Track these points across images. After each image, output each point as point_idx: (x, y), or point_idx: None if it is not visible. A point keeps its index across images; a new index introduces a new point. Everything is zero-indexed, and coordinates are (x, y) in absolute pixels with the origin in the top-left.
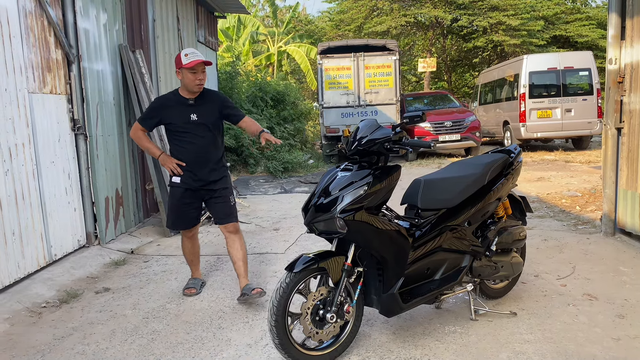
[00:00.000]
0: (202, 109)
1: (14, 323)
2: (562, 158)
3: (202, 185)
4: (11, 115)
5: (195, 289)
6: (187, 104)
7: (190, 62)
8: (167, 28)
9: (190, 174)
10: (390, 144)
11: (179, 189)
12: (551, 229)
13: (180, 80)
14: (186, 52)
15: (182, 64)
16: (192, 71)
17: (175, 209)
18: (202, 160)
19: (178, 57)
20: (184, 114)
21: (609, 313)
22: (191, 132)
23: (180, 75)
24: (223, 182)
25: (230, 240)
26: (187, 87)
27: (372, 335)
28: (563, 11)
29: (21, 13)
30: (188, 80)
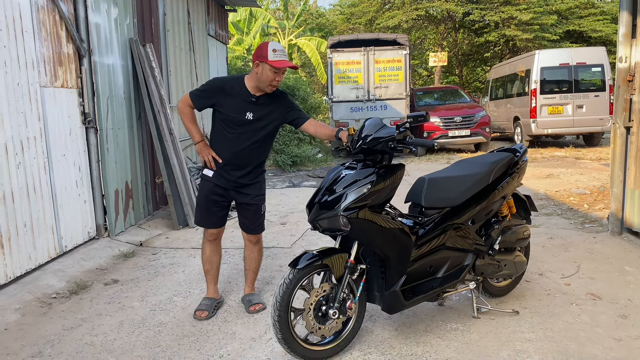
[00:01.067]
0: (262, 109)
1: (25, 313)
2: (573, 155)
3: (234, 186)
4: (23, 109)
5: (207, 312)
6: (249, 99)
7: (278, 62)
8: (178, 22)
9: (224, 172)
10: (394, 142)
11: (208, 183)
12: (558, 227)
13: (255, 73)
14: (274, 48)
15: (267, 58)
16: (274, 70)
17: (203, 203)
18: (241, 162)
19: (264, 48)
20: (240, 109)
21: (611, 313)
22: (239, 130)
23: (259, 68)
24: (257, 187)
25: (249, 249)
26: (260, 83)
27: (375, 331)
28: (577, 5)
29: (33, 8)
30: (265, 77)
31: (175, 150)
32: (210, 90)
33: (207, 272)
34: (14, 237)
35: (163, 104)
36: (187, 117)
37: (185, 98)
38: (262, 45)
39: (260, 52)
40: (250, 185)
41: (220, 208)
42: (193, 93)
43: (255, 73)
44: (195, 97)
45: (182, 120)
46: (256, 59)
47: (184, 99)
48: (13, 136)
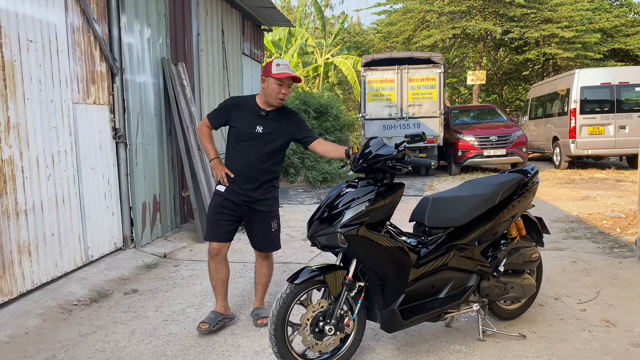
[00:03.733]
0: (272, 124)
1: (46, 318)
2: (614, 177)
3: (245, 200)
4: (55, 124)
5: (208, 325)
6: (259, 114)
7: (280, 73)
8: (212, 41)
9: (235, 187)
10: (393, 161)
11: (219, 197)
12: (584, 251)
13: (263, 89)
14: (278, 62)
15: (270, 72)
16: (278, 82)
17: (211, 216)
18: (250, 175)
19: (268, 65)
20: (251, 123)
21: (624, 341)
22: (249, 143)
23: (265, 84)
24: (268, 203)
25: (259, 263)
26: (267, 97)
27: (377, 350)
28: (623, 23)
29: (69, 29)
30: (271, 90)
31: (203, 165)
32: (226, 108)
33: (214, 288)
34: (41, 246)
35: (192, 121)
36: (205, 137)
37: (203, 120)
38: (267, 63)
39: (266, 69)
40: (261, 201)
41: (228, 222)
42: (210, 114)
43: (263, 88)
44: (212, 117)
45: (201, 140)
46: (263, 75)
47: (203, 120)
48: (45, 150)
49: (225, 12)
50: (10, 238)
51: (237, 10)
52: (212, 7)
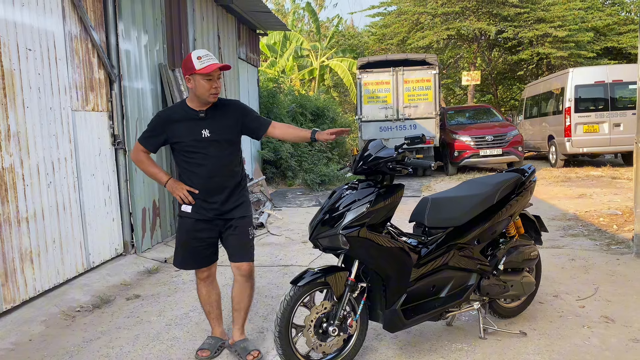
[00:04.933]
0: (216, 123)
1: (49, 325)
2: (609, 174)
3: (217, 214)
4: (55, 132)
5: (209, 352)
6: (197, 117)
7: (205, 67)
8: (208, 46)
9: (203, 202)
10: (393, 163)
11: (189, 220)
12: (582, 248)
13: (190, 89)
14: (199, 55)
15: (194, 69)
16: (207, 78)
17: (185, 244)
18: (216, 185)
19: (188, 61)
20: (194, 130)
21: (623, 337)
22: (202, 152)
23: (191, 83)
24: (242, 209)
25: (240, 285)
26: (199, 97)
27: (379, 350)
28: (615, 22)
29: (67, 37)
30: (201, 89)
31: None
32: (159, 126)
33: (208, 314)
34: (43, 253)
35: None
36: (144, 165)
37: (136, 146)
38: (186, 59)
39: (187, 65)
40: (236, 208)
41: (205, 245)
42: (142, 138)
43: (191, 88)
44: (145, 140)
45: (142, 169)
46: (186, 74)
47: (135, 147)
48: (45, 157)
49: (221, 17)
50: (13, 246)
51: (233, 15)
52: (208, 13)
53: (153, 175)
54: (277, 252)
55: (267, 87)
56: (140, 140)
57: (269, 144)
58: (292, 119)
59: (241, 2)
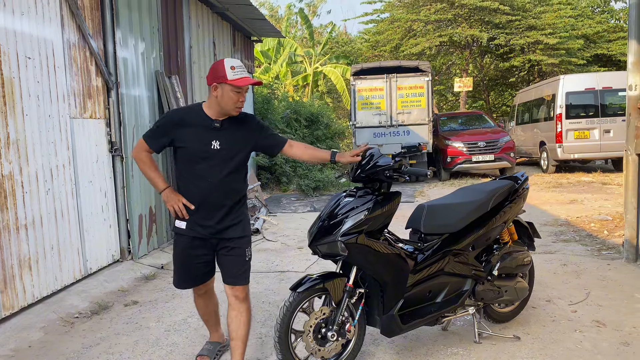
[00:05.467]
0: (229, 135)
1: (48, 332)
2: (600, 180)
3: (212, 233)
4: (53, 139)
5: (208, 358)
6: (211, 126)
7: (239, 80)
8: (204, 53)
9: (198, 218)
10: (390, 171)
11: (185, 238)
12: (574, 253)
13: (215, 97)
14: (232, 64)
15: (226, 78)
16: (236, 90)
17: (181, 263)
18: (216, 202)
19: (219, 68)
20: (204, 138)
21: (614, 340)
22: (208, 164)
23: (218, 92)
24: (239, 228)
25: (235, 310)
26: (222, 107)
27: (377, 355)
28: (605, 29)
29: (66, 45)
30: (227, 101)
31: None
32: (166, 126)
33: (206, 322)
34: (41, 260)
35: None
36: (145, 165)
37: (139, 144)
38: (216, 65)
39: (217, 73)
40: (233, 227)
41: (201, 264)
42: (146, 135)
43: (215, 97)
44: (149, 139)
45: (141, 170)
46: (213, 81)
47: (139, 145)
48: (43, 164)
49: (216, 24)
50: (12, 252)
51: (228, 22)
52: (204, 20)
53: (151, 179)
54: (273, 258)
55: (261, 93)
56: (145, 138)
57: None
58: (286, 125)
59: (236, 10)
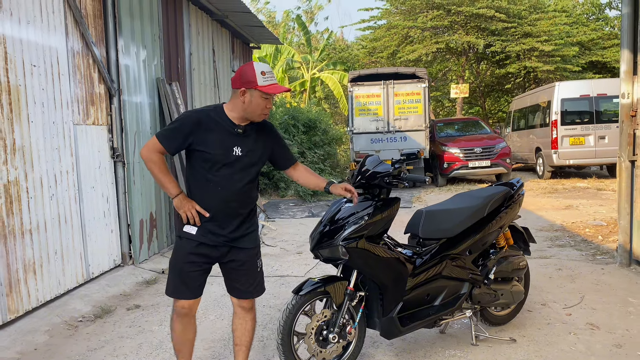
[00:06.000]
0: (251, 142)
1: (53, 335)
2: (595, 186)
3: (226, 241)
4: (57, 146)
5: None
6: (234, 131)
7: (271, 87)
8: (203, 60)
9: (212, 227)
10: (390, 178)
11: (190, 242)
12: (569, 258)
13: (242, 102)
14: (262, 69)
15: (256, 83)
16: (265, 96)
17: (180, 267)
18: (233, 211)
19: (249, 72)
20: (227, 144)
21: (607, 342)
22: (229, 170)
23: (246, 97)
24: (252, 238)
25: (241, 319)
26: (248, 113)
27: (376, 356)
28: (600, 37)
29: (70, 54)
30: (256, 107)
31: None
32: (186, 126)
33: (178, 353)
34: (45, 264)
35: None
36: (156, 166)
37: (152, 143)
38: (245, 69)
39: (246, 77)
40: (246, 236)
41: (200, 272)
42: (162, 134)
43: (242, 102)
44: (165, 139)
45: (151, 171)
46: (242, 86)
47: (150, 144)
48: (48, 170)
49: (215, 31)
50: (17, 257)
51: (227, 30)
52: (203, 28)
53: (163, 182)
54: (273, 263)
55: None
56: (160, 137)
57: None
58: (284, 131)
59: (236, 17)
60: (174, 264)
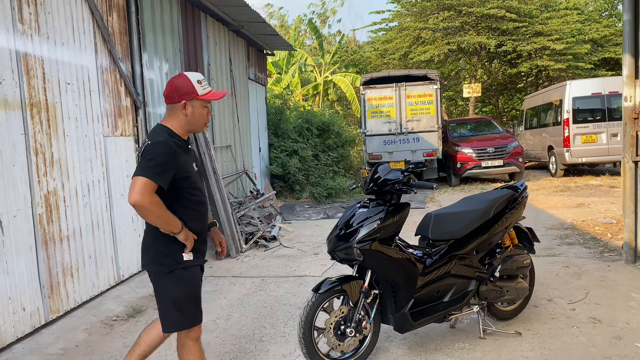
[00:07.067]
0: (194, 155)
1: (92, 333)
2: (608, 183)
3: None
4: (90, 157)
5: None
6: (187, 148)
7: (210, 94)
8: (221, 69)
9: (201, 247)
10: (400, 185)
11: (195, 269)
12: (577, 256)
13: (184, 115)
14: (197, 78)
15: (197, 93)
16: (206, 104)
17: (196, 297)
18: (205, 228)
19: (186, 84)
20: (190, 162)
21: (608, 335)
22: (200, 187)
23: (188, 109)
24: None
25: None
26: (193, 125)
27: (390, 350)
28: (613, 33)
29: (99, 70)
30: (199, 117)
31: (219, 187)
32: (169, 157)
33: None
34: (81, 268)
35: (208, 146)
36: (160, 207)
37: (145, 186)
38: (180, 81)
39: (184, 89)
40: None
41: None
42: (153, 173)
43: (185, 115)
44: (159, 176)
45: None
46: (181, 99)
47: (144, 187)
48: (82, 180)
49: (232, 41)
50: (57, 261)
51: (243, 39)
52: (220, 38)
53: (168, 219)
54: (291, 264)
55: (273, 104)
56: (152, 177)
57: (277, 159)
58: (298, 134)
59: (251, 27)
60: (192, 293)
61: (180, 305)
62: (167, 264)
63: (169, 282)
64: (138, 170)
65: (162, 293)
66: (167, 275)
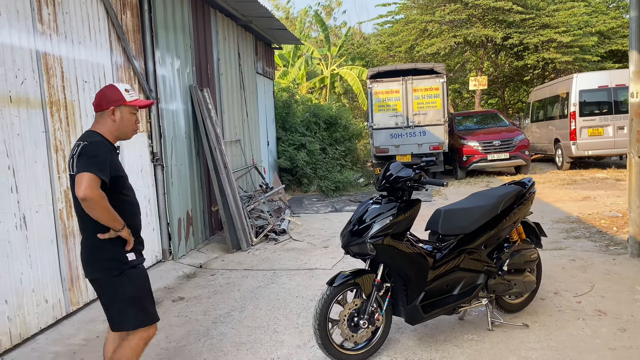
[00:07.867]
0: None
1: None
2: (614, 176)
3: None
4: None
5: None
6: (117, 153)
7: (137, 101)
8: (230, 65)
9: (140, 245)
10: (411, 182)
11: (141, 266)
12: (583, 249)
13: (112, 121)
14: (125, 88)
15: (124, 100)
16: (133, 111)
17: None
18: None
19: (114, 92)
20: (121, 165)
21: (612, 327)
22: (132, 189)
23: (116, 115)
24: None
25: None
26: (122, 130)
27: (401, 340)
28: (620, 25)
29: (114, 67)
30: (128, 123)
31: (230, 181)
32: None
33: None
34: None
35: (219, 141)
36: (106, 201)
37: (91, 181)
38: (108, 90)
39: (112, 97)
40: None
41: None
42: (98, 169)
43: (113, 121)
44: (102, 172)
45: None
46: (109, 105)
47: (91, 182)
48: None
49: (240, 36)
50: (76, 255)
51: (251, 33)
52: (229, 33)
53: (113, 215)
54: (302, 257)
55: (281, 98)
56: (98, 173)
57: (285, 153)
58: (306, 128)
59: (259, 21)
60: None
61: (140, 302)
62: (115, 267)
63: (122, 283)
64: (82, 167)
65: (117, 295)
66: (119, 277)
